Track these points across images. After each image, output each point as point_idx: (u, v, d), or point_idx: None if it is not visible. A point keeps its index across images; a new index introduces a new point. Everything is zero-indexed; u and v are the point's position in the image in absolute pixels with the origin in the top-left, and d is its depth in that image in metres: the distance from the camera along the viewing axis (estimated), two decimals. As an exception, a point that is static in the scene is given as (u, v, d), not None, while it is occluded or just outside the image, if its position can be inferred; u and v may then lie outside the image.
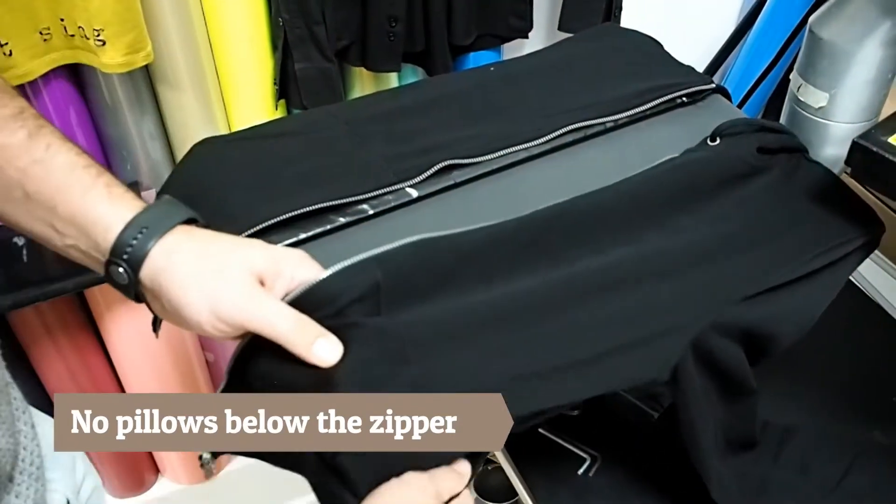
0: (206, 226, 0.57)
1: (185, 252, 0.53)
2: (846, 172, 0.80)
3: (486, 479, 1.56)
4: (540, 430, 0.84)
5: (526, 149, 0.74)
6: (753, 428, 0.69)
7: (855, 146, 0.65)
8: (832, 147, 0.80)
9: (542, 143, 0.75)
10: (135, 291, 0.54)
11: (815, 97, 0.79)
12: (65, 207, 0.53)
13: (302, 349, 0.52)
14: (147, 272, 0.53)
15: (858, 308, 0.94)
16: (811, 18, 0.79)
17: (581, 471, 0.80)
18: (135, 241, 0.52)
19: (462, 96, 0.81)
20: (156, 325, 0.64)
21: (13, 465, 0.53)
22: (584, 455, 0.81)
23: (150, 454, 1.46)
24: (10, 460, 0.53)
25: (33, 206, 0.54)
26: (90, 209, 0.53)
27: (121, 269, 0.53)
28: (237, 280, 0.52)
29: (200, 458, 0.57)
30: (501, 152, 0.73)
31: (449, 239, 0.63)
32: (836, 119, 0.79)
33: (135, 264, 0.53)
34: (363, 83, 1.19)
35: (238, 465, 1.51)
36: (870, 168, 0.64)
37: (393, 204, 0.68)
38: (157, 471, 1.50)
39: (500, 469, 1.54)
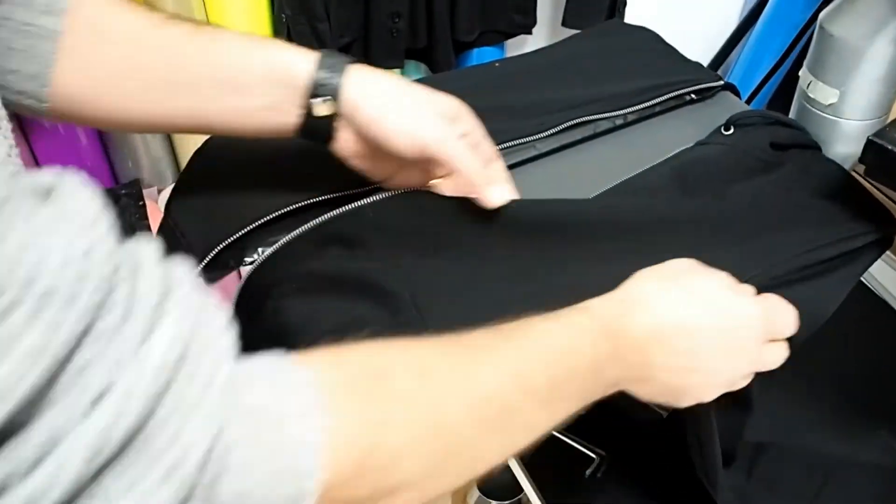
0: None
1: (379, 86, 0.60)
2: (854, 170, 0.79)
3: (490, 478, 1.56)
4: (548, 429, 0.83)
5: (531, 142, 0.73)
6: (735, 445, 0.69)
7: (870, 144, 0.64)
8: (842, 144, 0.80)
9: (549, 139, 0.74)
10: (330, 125, 0.61)
11: (824, 94, 0.79)
12: (252, 67, 0.59)
13: (482, 186, 0.61)
14: (346, 104, 0.59)
15: (868, 306, 0.94)
16: (821, 15, 0.78)
17: (590, 471, 0.79)
18: (329, 77, 0.59)
19: (464, 93, 0.81)
20: None
21: None
22: (593, 455, 0.80)
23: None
24: None
25: (220, 81, 0.59)
26: (276, 60, 0.59)
27: (324, 102, 0.59)
28: (434, 116, 0.61)
29: None
30: (504, 145, 0.72)
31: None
32: (846, 116, 0.79)
33: (332, 94, 0.59)
34: (366, 80, 1.19)
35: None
36: (884, 166, 0.64)
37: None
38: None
39: (504, 467, 1.54)
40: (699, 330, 0.52)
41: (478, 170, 0.61)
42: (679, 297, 0.52)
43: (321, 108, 0.59)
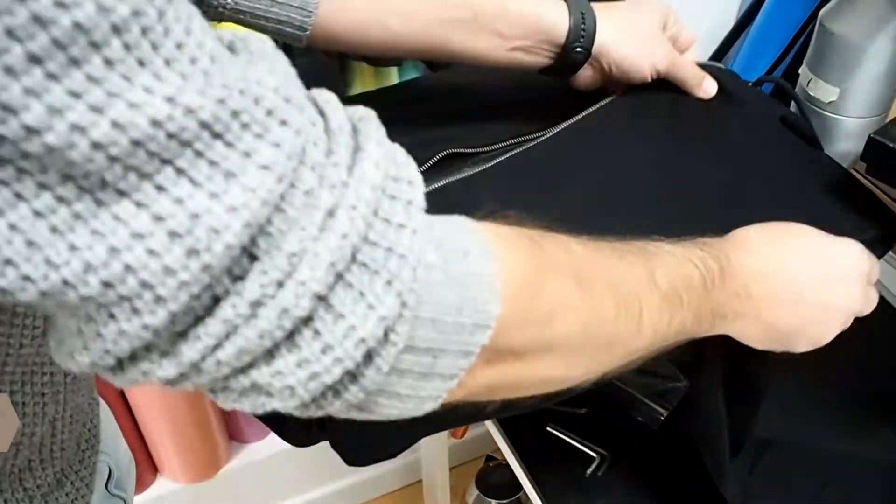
0: None
1: (621, 25, 0.70)
2: (855, 169, 0.79)
3: (489, 476, 1.56)
4: (548, 428, 0.83)
5: (533, 139, 0.73)
6: (745, 434, 0.68)
7: (871, 142, 0.64)
8: (842, 142, 0.80)
9: (551, 137, 0.74)
10: (578, 65, 0.70)
11: (825, 92, 0.79)
12: (514, 11, 0.67)
13: (698, 87, 0.73)
14: (599, 46, 0.69)
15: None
16: (822, 12, 0.78)
17: (590, 470, 0.79)
18: (583, 24, 0.67)
19: (465, 91, 0.80)
20: None
21: (84, 424, 0.57)
22: (593, 454, 0.80)
23: (149, 453, 1.45)
24: (84, 420, 0.56)
25: (482, 20, 0.66)
26: (532, 7, 0.67)
27: (579, 49, 0.68)
28: (661, 36, 0.72)
29: None
30: (506, 143, 0.72)
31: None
32: (846, 114, 0.79)
33: (588, 43, 0.68)
34: (364, 78, 1.18)
35: (237, 464, 1.50)
36: (886, 164, 0.64)
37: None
38: (155, 470, 1.49)
39: (503, 466, 1.54)
40: (800, 268, 0.55)
41: (696, 77, 0.73)
42: (780, 239, 0.55)
43: (578, 54, 0.68)
